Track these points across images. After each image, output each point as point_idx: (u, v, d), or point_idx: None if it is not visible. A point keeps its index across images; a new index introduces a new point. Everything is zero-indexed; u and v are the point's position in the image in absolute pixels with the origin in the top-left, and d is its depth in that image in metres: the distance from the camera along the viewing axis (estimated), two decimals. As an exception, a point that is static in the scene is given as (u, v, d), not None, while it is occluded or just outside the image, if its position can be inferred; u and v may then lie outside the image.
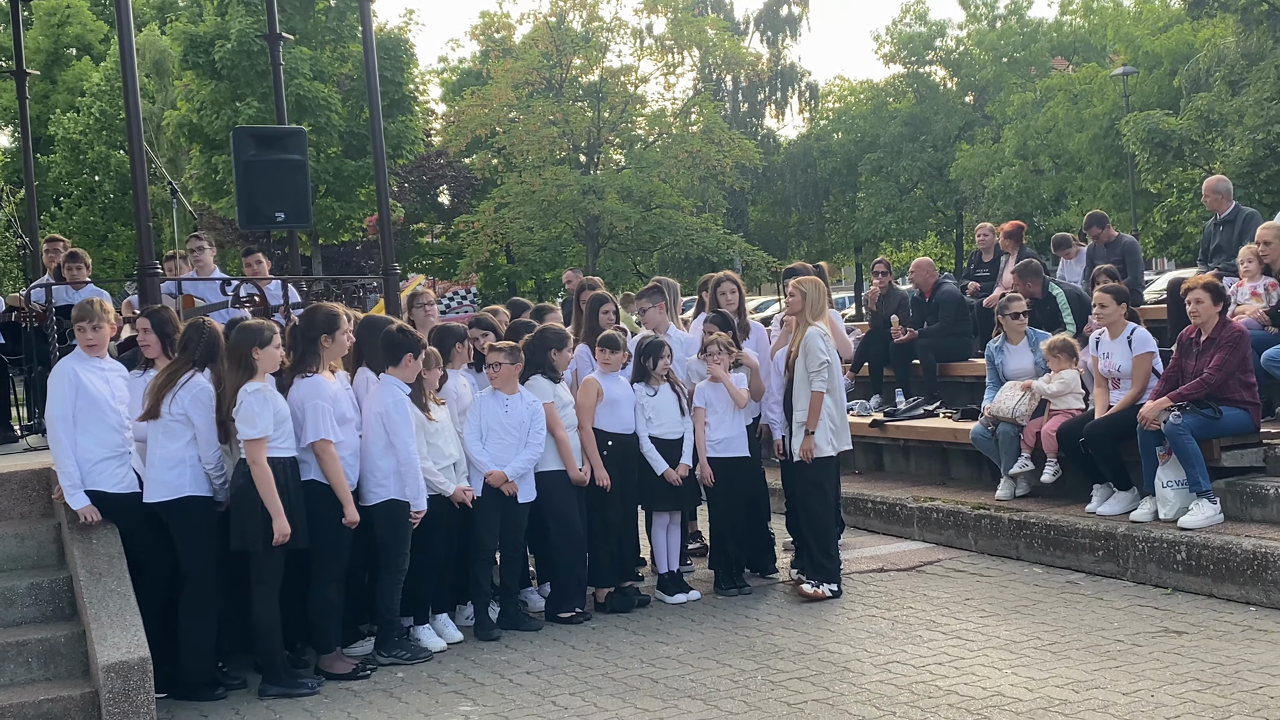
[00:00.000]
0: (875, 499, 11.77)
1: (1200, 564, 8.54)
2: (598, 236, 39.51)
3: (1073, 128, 39.73)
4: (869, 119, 48.65)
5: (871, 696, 6.76)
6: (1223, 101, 29.59)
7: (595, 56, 40.90)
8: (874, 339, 14.37)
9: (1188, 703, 6.35)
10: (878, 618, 8.45)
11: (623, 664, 7.68)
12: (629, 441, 9.12)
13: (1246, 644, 7.31)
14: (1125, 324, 9.83)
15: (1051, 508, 10.06)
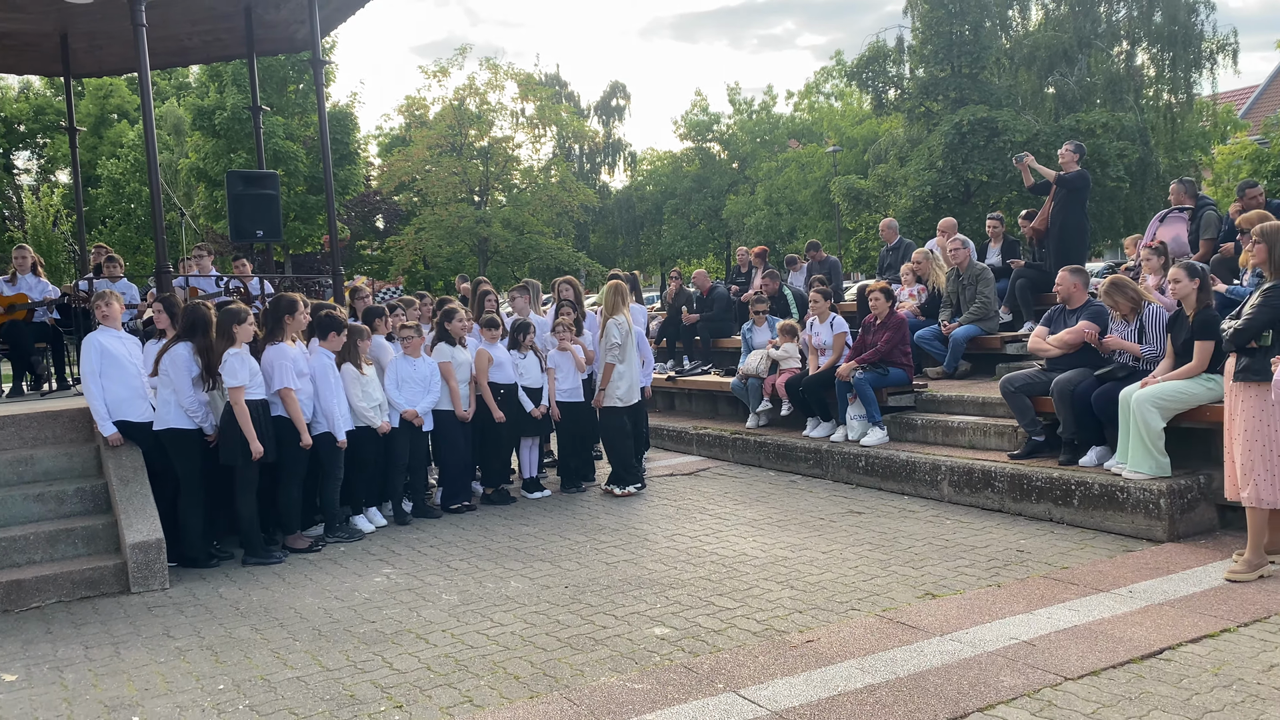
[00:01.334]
0: (670, 428, 11.85)
1: (873, 468, 8.80)
2: (487, 252, 39.03)
3: (801, 186, 40.39)
4: (670, 177, 48.70)
5: (662, 557, 6.82)
6: (894, 170, 30.41)
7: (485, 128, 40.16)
8: (670, 323, 14.44)
9: (864, 557, 6.55)
10: (668, 505, 8.53)
11: (497, 539, 7.63)
12: (511, 389, 9.03)
13: (901, 520, 7.56)
14: (830, 313, 10.05)
15: (781, 433, 10.22)
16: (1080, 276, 7.89)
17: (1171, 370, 6.64)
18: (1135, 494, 6.63)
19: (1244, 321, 5.54)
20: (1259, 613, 5.07)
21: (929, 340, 10.52)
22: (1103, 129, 26.61)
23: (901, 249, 12.96)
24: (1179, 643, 4.72)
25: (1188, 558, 6.09)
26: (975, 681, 4.39)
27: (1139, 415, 6.57)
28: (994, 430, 8.40)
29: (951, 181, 27.30)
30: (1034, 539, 6.75)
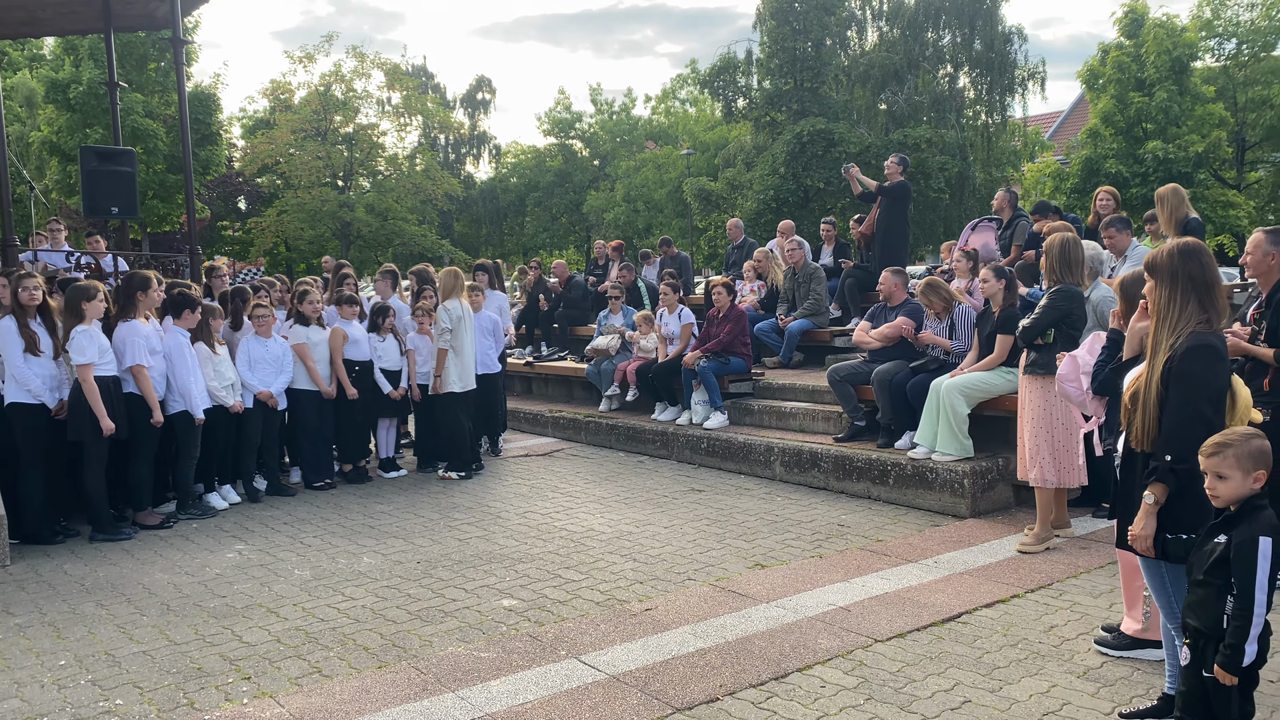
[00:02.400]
0: (527, 411, 11.77)
1: (714, 449, 8.97)
2: (350, 237, 37.84)
3: (657, 185, 40.79)
4: (533, 170, 48.31)
5: (513, 533, 6.79)
6: (741, 174, 31.06)
7: (350, 115, 38.87)
8: (528, 310, 14.37)
9: (702, 532, 6.67)
10: (522, 484, 8.48)
11: (351, 516, 7.44)
12: (366, 367, 8.79)
13: (736, 497, 7.73)
14: (679, 305, 10.18)
15: (631, 417, 10.26)
16: (901, 277, 8.26)
17: (977, 363, 7.03)
18: (943, 474, 7.00)
19: (1031, 320, 5.93)
20: (1044, 580, 5.44)
21: (767, 332, 10.80)
22: (927, 144, 27.84)
23: (745, 247, 13.24)
24: (975, 607, 5.02)
25: (986, 532, 6.48)
26: (796, 644, 4.56)
27: (947, 402, 6.93)
28: (822, 415, 8.70)
29: (792, 187, 28.09)
30: (854, 514, 7.05)
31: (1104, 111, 24.99)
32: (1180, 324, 3.25)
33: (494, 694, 4.08)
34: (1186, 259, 3.34)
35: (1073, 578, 5.46)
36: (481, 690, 4.13)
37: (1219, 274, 3.37)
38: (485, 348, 9.57)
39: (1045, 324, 5.88)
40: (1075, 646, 4.49)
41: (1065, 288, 5.84)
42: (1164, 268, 3.33)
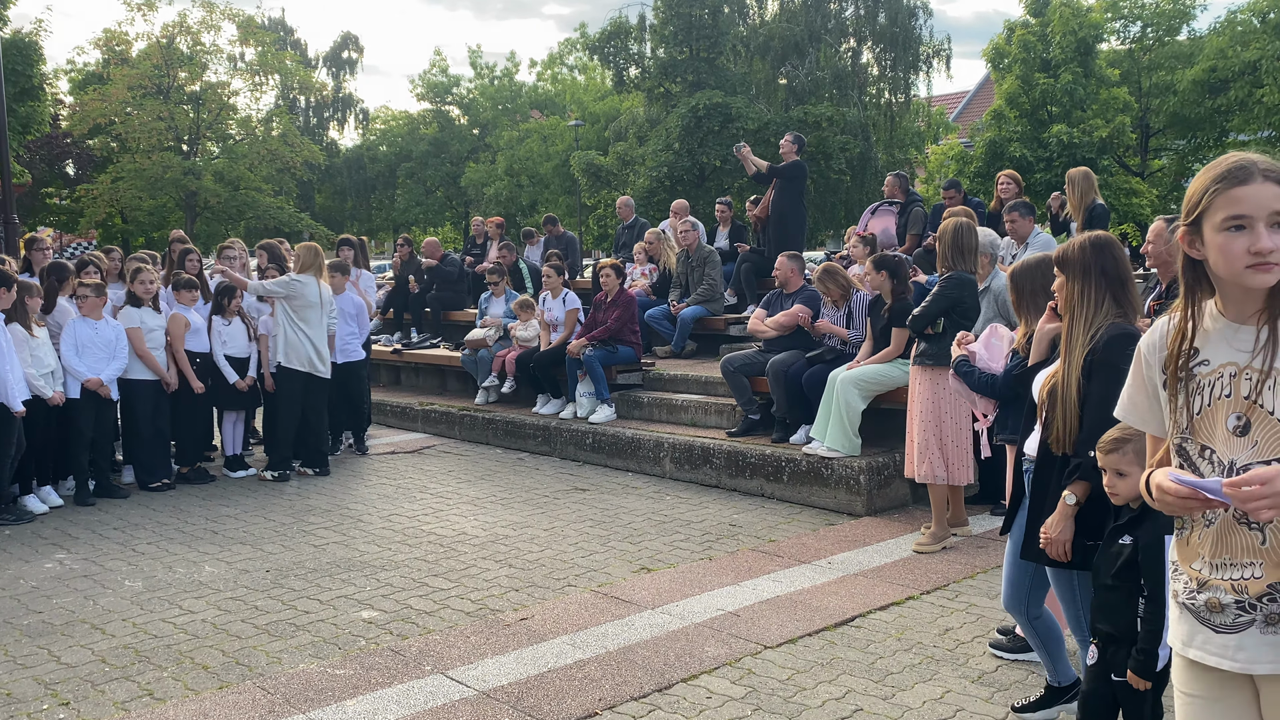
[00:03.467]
0: (394, 404, 11.59)
1: (600, 445, 8.99)
2: (195, 207, 36.38)
3: (543, 158, 40.55)
4: (405, 138, 47.39)
5: (376, 538, 6.68)
6: (633, 149, 31.16)
7: (197, 72, 37.33)
8: (398, 292, 14.12)
9: (584, 534, 6.70)
10: (387, 485, 8.35)
11: (192, 521, 7.18)
12: (208, 359, 8.48)
13: (623, 496, 7.78)
14: (563, 289, 10.16)
15: (511, 410, 10.23)
16: (797, 262, 8.42)
17: (872, 355, 7.23)
18: (838, 470, 7.18)
19: (921, 309, 6.13)
20: (939, 581, 5.63)
21: (658, 320, 10.88)
22: (828, 123, 28.47)
23: (636, 228, 13.31)
24: (869, 610, 5.17)
25: (882, 531, 6.68)
26: (681, 653, 4.61)
27: (841, 396, 7.11)
28: (714, 409, 8.81)
29: (687, 164, 28.33)
30: (746, 513, 7.16)
31: (1009, 93, 25.96)
32: (1095, 320, 3.34)
33: (349, 714, 4.00)
34: (1099, 252, 3.42)
35: (969, 578, 5.67)
36: (335, 711, 4.04)
37: (1131, 268, 3.51)
38: (348, 333, 9.38)
39: (934, 313, 6.09)
40: (970, 650, 4.67)
41: (956, 275, 6.06)
42: (1075, 262, 3.41)
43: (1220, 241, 2.00)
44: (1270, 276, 1.97)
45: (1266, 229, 1.96)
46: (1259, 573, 2.03)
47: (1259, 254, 1.94)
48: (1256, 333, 2.01)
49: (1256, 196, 1.97)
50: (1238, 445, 2.04)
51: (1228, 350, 2.07)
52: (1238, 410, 2.04)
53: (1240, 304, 2.05)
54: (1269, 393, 1.99)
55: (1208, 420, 2.09)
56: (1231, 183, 2.00)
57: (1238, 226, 1.98)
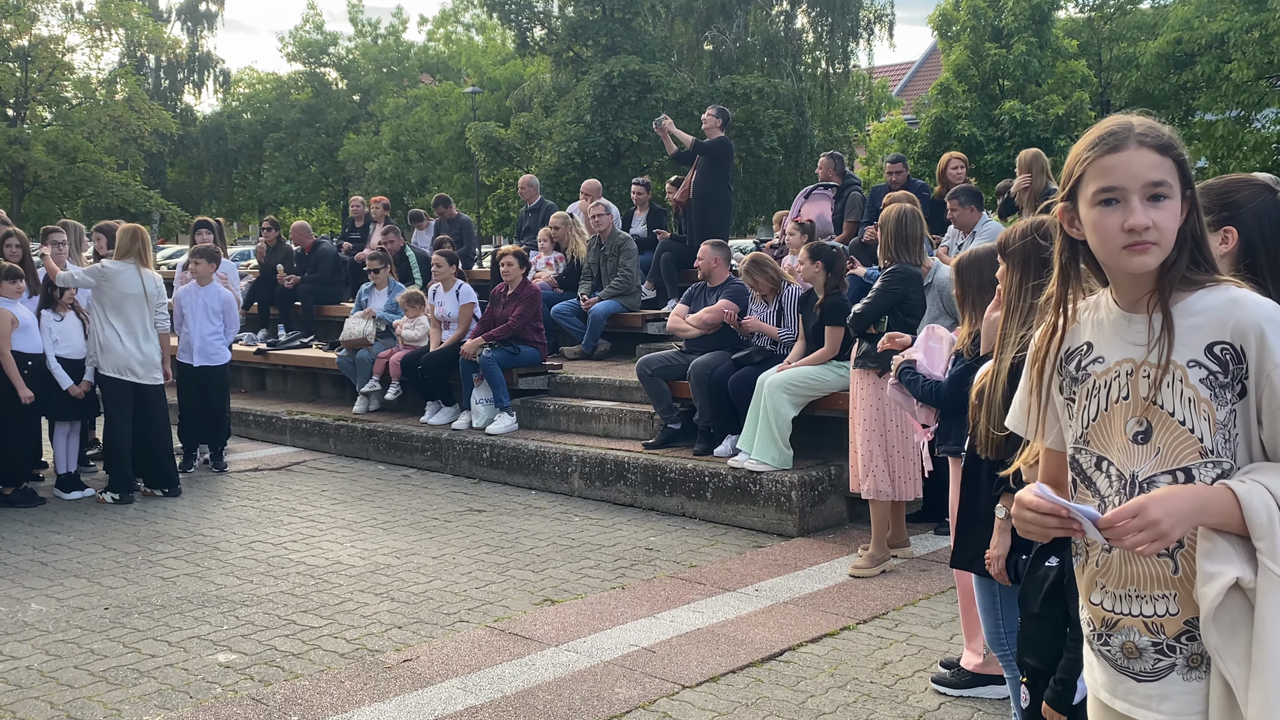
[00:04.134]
0: (256, 413, 11.39)
1: (499, 460, 8.96)
2: (23, 183, 35.23)
3: (435, 129, 40.25)
4: (274, 105, 46.54)
5: (235, 569, 6.56)
6: (539, 120, 31.10)
7: (25, 24, 36.18)
8: (263, 283, 13.87)
9: (480, 562, 6.67)
10: (249, 507, 8.21)
11: (16, 550, 6.96)
12: (40, 360, 8.23)
13: (526, 518, 7.77)
14: (456, 280, 10.10)
15: (396, 419, 10.15)
16: (722, 251, 8.51)
17: (804, 356, 7.33)
18: (768, 486, 7.27)
19: (862, 306, 6.26)
20: (877, 609, 5.74)
21: (566, 315, 10.89)
22: (758, 95, 28.81)
23: (541, 211, 13.31)
24: (799, 643, 5.25)
25: (815, 553, 6.78)
26: (589, 695, 4.62)
27: (770, 402, 7.20)
28: (630, 417, 8.86)
29: (600, 139, 28.39)
30: (665, 535, 7.21)
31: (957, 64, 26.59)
32: (1029, 316, 3.39)
33: (203, 776, 3.92)
34: (1042, 241, 3.48)
35: (910, 605, 5.79)
36: (186, 772, 3.95)
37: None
38: (210, 332, 9.19)
39: (878, 310, 6.21)
40: (911, 685, 4.77)
41: (901, 268, 6.19)
42: (1016, 250, 3.49)
43: (1093, 218, 1.97)
44: (1148, 258, 1.93)
45: (1141, 203, 1.92)
46: (1174, 607, 1.98)
47: (1132, 231, 1.92)
48: (1148, 321, 1.98)
49: (1129, 165, 1.94)
50: (1139, 455, 1.99)
51: (1122, 345, 2.03)
52: (1136, 414, 1.99)
53: (1129, 290, 2.01)
54: (1168, 391, 1.95)
55: (1104, 427, 2.04)
56: (1104, 149, 1.97)
57: (1110, 200, 1.95)
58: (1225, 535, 1.90)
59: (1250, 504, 1.87)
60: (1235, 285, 1.97)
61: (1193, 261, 1.98)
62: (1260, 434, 1.94)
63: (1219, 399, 1.93)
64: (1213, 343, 1.93)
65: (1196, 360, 1.94)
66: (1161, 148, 1.96)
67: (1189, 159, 2.02)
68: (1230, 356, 1.92)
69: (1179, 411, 1.94)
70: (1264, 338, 1.89)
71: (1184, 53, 25.23)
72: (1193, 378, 1.93)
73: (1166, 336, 1.95)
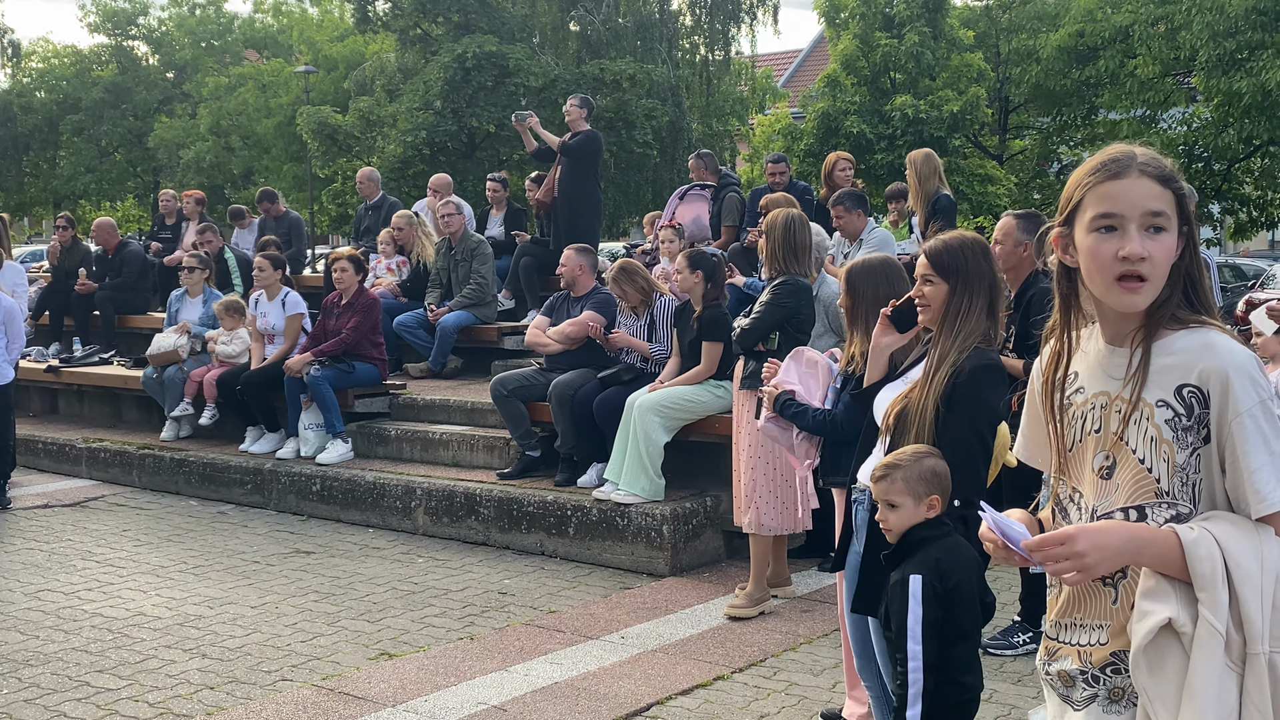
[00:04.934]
0: (46, 440, 11.03)
1: (331, 493, 8.84)
2: None
3: (261, 113, 39.43)
4: (72, 82, 45.04)
5: (18, 623, 6.33)
6: (382, 106, 30.76)
7: None
8: (56, 289, 13.44)
9: (306, 611, 6.56)
10: (36, 550, 7.93)
11: None
12: None
13: (362, 559, 7.69)
14: (281, 288, 9.94)
15: (211, 448, 9.96)
16: (588, 258, 8.55)
17: (678, 374, 7.40)
18: (637, 520, 7.31)
19: (750, 321, 6.34)
20: (755, 655, 5.82)
21: (411, 328, 10.80)
22: (630, 82, 29.01)
23: (384, 209, 13.18)
24: (669, 695, 5.29)
25: (689, 594, 6.84)
26: (431, 761, 4.57)
27: (640, 426, 7.25)
28: (484, 444, 8.84)
29: (452, 128, 28.23)
30: (521, 577, 7.20)
31: (845, 55, 27.18)
32: (968, 338, 3.60)
33: None
34: (983, 256, 3.70)
35: (790, 650, 5.89)
36: None
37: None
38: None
39: (767, 326, 6.30)
40: (790, 739, 4.84)
41: (791, 279, 6.30)
42: (958, 268, 3.68)
43: (1089, 244, 2.15)
44: (1138, 298, 2.12)
45: (1139, 231, 2.10)
46: (1104, 638, 2.18)
47: (1126, 259, 2.09)
48: (1129, 356, 2.17)
49: (1130, 193, 2.12)
50: (1103, 489, 2.19)
51: (1102, 377, 2.23)
52: (1105, 447, 2.20)
53: (1116, 323, 2.21)
54: (1134, 428, 2.15)
55: (1078, 458, 2.26)
56: (1105, 175, 2.16)
57: (1108, 228, 2.13)
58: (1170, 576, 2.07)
59: (1195, 553, 2.04)
60: (1218, 329, 2.15)
61: (1185, 300, 2.17)
62: (1224, 482, 2.11)
63: (1180, 441, 2.11)
64: (1182, 384, 2.12)
65: (1165, 400, 2.13)
66: (1163, 179, 2.15)
67: (1192, 196, 2.21)
68: (1196, 400, 2.11)
69: (1140, 449, 2.14)
70: (1229, 385, 2.07)
71: (1087, 46, 26.20)
72: (1158, 417, 2.13)
73: (1141, 372, 2.14)
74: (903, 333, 4.02)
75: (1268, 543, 2.05)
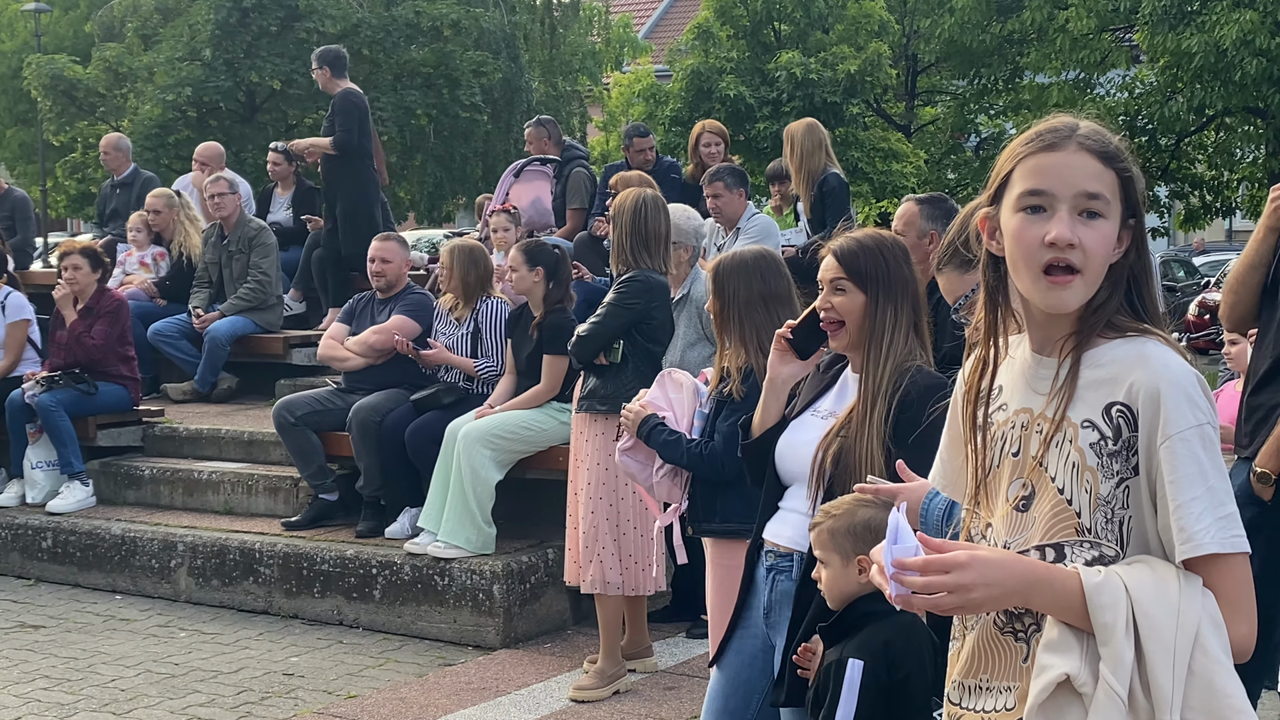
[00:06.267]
0: None
1: (67, 551, 8.66)
2: None
3: (-25, 63, 38.44)
4: None
5: None
6: (134, 55, 30.09)
7: None
8: None
9: (32, 702, 6.41)
10: None
11: None
12: None
13: (107, 635, 7.52)
14: (3, 287, 9.67)
15: (-93, 493, 9.65)
16: (395, 249, 8.47)
17: (513, 395, 7.41)
18: (461, 579, 7.29)
19: (589, 327, 6.36)
20: (609, 745, 5.84)
21: (171, 338, 10.63)
22: (453, 29, 28.90)
23: (136, 186, 12.91)
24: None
25: (526, 670, 6.84)
26: None
27: (465, 462, 7.21)
28: (266, 484, 8.77)
29: (226, 85, 27.80)
30: (313, 654, 7.12)
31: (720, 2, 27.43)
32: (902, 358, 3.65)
33: None
34: (905, 261, 3.75)
35: (653, 738, 5.92)
36: None
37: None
38: None
39: (610, 333, 6.31)
40: None
41: (641, 276, 6.32)
42: (875, 271, 3.69)
43: (1014, 226, 2.19)
44: (1067, 293, 2.15)
45: (1069, 214, 2.14)
46: (1011, 701, 2.21)
47: (1053, 245, 2.12)
48: (1057, 368, 2.21)
49: (1064, 168, 2.16)
50: (1019, 523, 2.23)
51: (1026, 391, 2.27)
52: (1023, 474, 2.23)
53: (1044, 326, 2.25)
54: (1055, 451, 2.19)
55: (993, 485, 2.30)
56: (1038, 146, 2.20)
57: (1035, 208, 2.17)
58: (1073, 626, 2.10)
59: (1098, 601, 2.06)
60: (1159, 340, 2.19)
61: (1128, 304, 2.21)
62: (1157, 523, 2.14)
63: (1105, 469, 2.14)
64: (1111, 403, 2.15)
65: (1091, 420, 2.16)
66: (1106, 157, 2.18)
67: (1140, 181, 2.25)
68: (1124, 420, 2.14)
69: (1060, 478, 2.17)
70: (1159, 403, 2.10)
71: (1009, -6, 26.74)
72: (1083, 439, 2.16)
73: (1068, 387, 2.17)
74: (806, 358, 3.99)
75: (1189, 594, 2.07)
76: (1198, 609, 2.06)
